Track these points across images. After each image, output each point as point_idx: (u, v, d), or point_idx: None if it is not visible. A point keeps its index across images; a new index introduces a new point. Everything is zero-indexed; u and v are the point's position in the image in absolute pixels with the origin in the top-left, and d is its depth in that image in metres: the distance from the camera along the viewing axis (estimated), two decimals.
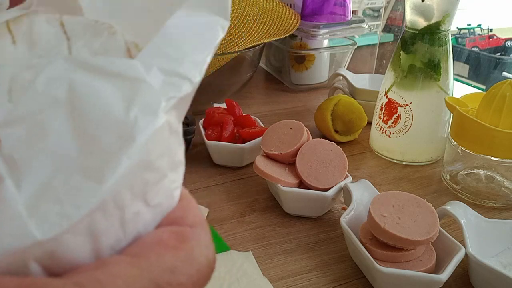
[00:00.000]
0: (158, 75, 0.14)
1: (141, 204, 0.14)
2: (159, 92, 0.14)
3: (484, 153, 0.45)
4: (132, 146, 0.13)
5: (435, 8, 0.49)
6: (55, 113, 0.13)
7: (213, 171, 0.53)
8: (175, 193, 0.16)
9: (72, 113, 0.13)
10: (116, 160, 0.13)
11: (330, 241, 0.42)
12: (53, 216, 0.12)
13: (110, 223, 0.14)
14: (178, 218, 0.16)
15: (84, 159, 0.13)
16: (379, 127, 0.57)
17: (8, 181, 0.13)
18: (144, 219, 0.15)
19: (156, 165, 0.14)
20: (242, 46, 0.65)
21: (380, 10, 0.93)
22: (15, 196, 0.12)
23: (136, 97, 0.13)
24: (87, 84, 0.13)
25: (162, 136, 0.14)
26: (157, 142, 0.14)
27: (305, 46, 0.80)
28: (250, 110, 0.70)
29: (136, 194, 0.14)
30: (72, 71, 0.13)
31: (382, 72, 0.82)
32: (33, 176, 0.13)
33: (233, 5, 0.68)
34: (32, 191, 0.13)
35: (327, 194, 0.42)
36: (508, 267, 0.35)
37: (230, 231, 0.42)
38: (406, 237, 0.33)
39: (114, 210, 0.13)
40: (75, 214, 0.12)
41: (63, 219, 0.12)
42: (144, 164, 0.14)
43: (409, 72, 0.52)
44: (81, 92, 0.13)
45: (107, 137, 0.13)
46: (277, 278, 0.37)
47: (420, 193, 0.49)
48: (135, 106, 0.13)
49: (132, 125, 0.13)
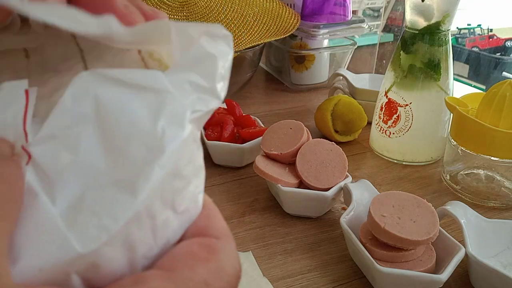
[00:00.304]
0: (187, 88, 0.14)
1: (170, 212, 0.15)
2: (185, 103, 0.14)
3: (484, 153, 0.45)
4: (162, 156, 0.13)
5: (435, 8, 0.49)
6: (84, 129, 0.13)
7: (213, 171, 0.53)
8: (199, 198, 0.17)
9: (101, 127, 0.13)
10: (148, 171, 0.13)
11: (330, 241, 0.42)
12: (92, 228, 0.13)
13: (143, 232, 0.14)
14: (204, 227, 0.16)
15: (116, 172, 0.13)
16: (379, 127, 0.57)
17: (43, 196, 0.13)
18: (173, 226, 0.15)
19: (183, 173, 0.15)
20: (242, 46, 0.65)
21: (380, 10, 0.93)
22: (52, 210, 0.13)
23: (163, 108, 0.14)
24: (113, 98, 0.14)
25: (187, 145, 0.14)
26: (183, 151, 0.14)
27: (305, 46, 0.80)
28: (250, 110, 0.70)
29: (165, 202, 0.14)
30: (97, 85, 0.14)
31: (382, 72, 0.82)
32: (66, 191, 0.13)
33: (233, 5, 0.68)
34: (67, 205, 0.13)
35: (327, 194, 0.42)
36: (508, 267, 0.35)
37: (230, 231, 0.42)
38: (406, 237, 0.33)
39: (146, 219, 0.14)
40: (113, 226, 0.13)
41: (102, 232, 0.13)
42: (173, 173, 0.14)
43: (409, 72, 0.52)
44: (108, 106, 0.13)
45: (136, 149, 0.13)
46: (277, 278, 0.37)
47: (420, 193, 0.49)
48: (162, 118, 0.14)
49: (160, 136, 0.13)
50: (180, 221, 0.16)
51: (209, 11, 0.65)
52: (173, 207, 0.15)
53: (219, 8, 0.66)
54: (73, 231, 0.12)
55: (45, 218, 0.13)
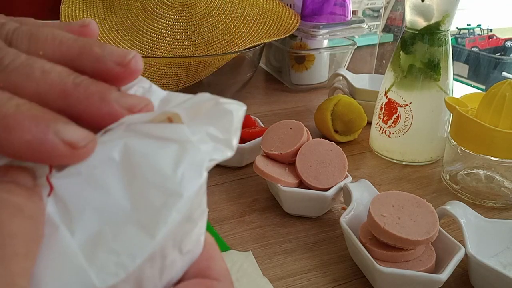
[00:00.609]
0: (206, 139, 0.16)
1: (177, 252, 0.16)
2: (204, 153, 0.15)
3: (483, 153, 0.45)
4: (180, 201, 0.14)
5: (435, 8, 0.49)
6: (109, 170, 0.14)
7: (213, 171, 0.53)
8: (202, 239, 0.18)
9: (125, 170, 0.14)
10: (166, 215, 0.14)
11: (330, 241, 0.42)
12: (111, 265, 0.13)
13: (153, 271, 0.15)
14: (205, 268, 0.17)
15: (136, 212, 0.14)
16: (379, 127, 0.57)
17: (63, 228, 0.13)
18: (177, 266, 0.16)
19: (193, 217, 0.16)
20: (242, 46, 0.65)
21: (380, 10, 0.93)
22: (72, 243, 0.13)
23: (184, 156, 0.15)
24: (140, 146, 0.15)
25: (200, 191, 0.15)
26: (197, 197, 0.15)
27: (305, 46, 0.80)
28: (250, 110, 0.70)
29: (175, 244, 0.15)
30: (127, 135, 0.15)
31: (382, 72, 0.82)
32: (85, 225, 0.13)
33: (233, 6, 0.68)
34: (86, 240, 0.13)
35: (327, 194, 0.42)
36: (507, 267, 0.35)
37: (230, 231, 0.43)
38: (406, 237, 0.33)
39: (159, 259, 0.15)
40: (131, 264, 0.13)
41: (120, 269, 0.13)
42: (187, 216, 0.15)
43: (409, 72, 0.52)
44: (134, 153, 0.15)
45: (157, 193, 0.14)
46: (277, 278, 0.37)
47: (420, 193, 0.49)
48: (183, 164, 0.15)
49: (179, 182, 0.14)
50: (183, 261, 0.16)
51: (209, 11, 0.65)
52: (180, 248, 0.16)
53: (219, 8, 0.66)
54: (92, 265, 0.13)
55: (65, 251, 0.13)
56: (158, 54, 0.62)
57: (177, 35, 0.63)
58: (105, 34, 0.63)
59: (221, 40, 0.65)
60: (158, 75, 0.62)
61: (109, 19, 0.65)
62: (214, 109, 0.16)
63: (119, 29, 0.64)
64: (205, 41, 0.64)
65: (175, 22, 0.64)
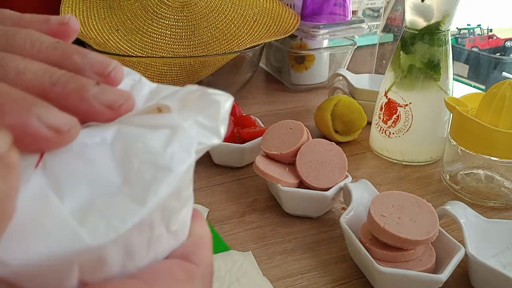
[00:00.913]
0: (194, 126, 0.17)
1: (164, 228, 0.16)
2: (193, 136, 0.16)
3: (483, 153, 0.45)
4: (170, 176, 0.15)
5: (435, 8, 0.49)
6: (101, 148, 0.15)
7: (213, 171, 0.53)
8: (187, 224, 0.18)
9: (117, 149, 0.15)
10: (156, 186, 0.15)
11: (330, 241, 0.42)
12: (102, 226, 0.14)
13: (141, 241, 0.15)
14: (189, 253, 0.17)
15: (127, 186, 0.15)
16: (379, 127, 0.57)
17: (52, 195, 0.14)
18: (163, 243, 0.17)
19: (181, 195, 0.17)
20: (242, 46, 0.65)
21: (380, 10, 0.93)
22: (62, 208, 0.14)
23: (174, 138, 0.16)
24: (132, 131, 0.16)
25: (189, 171, 0.16)
26: (185, 176, 0.16)
27: (305, 46, 0.80)
28: (250, 110, 0.70)
29: (163, 219, 0.16)
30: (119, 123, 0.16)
31: (382, 72, 0.82)
32: (75, 195, 0.14)
33: (233, 6, 0.68)
34: (76, 207, 0.14)
35: (327, 194, 0.42)
36: (507, 267, 0.35)
37: (230, 231, 0.43)
38: (406, 237, 0.33)
39: (147, 229, 0.15)
40: (122, 227, 0.14)
41: (110, 230, 0.14)
42: (175, 193, 0.16)
43: (408, 72, 0.52)
44: (126, 136, 0.16)
45: (147, 168, 0.15)
46: (277, 278, 0.37)
47: (420, 193, 0.49)
48: (173, 144, 0.16)
49: (169, 159, 0.15)
50: (170, 241, 0.17)
51: (209, 11, 0.65)
52: (167, 225, 0.16)
53: (219, 8, 0.66)
54: (83, 226, 0.13)
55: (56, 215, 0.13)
56: (158, 54, 0.62)
57: (177, 35, 0.63)
58: (105, 34, 0.63)
59: (221, 40, 0.65)
60: (158, 75, 0.62)
61: (109, 19, 0.65)
62: (202, 99, 0.17)
63: (119, 29, 0.64)
64: (205, 41, 0.64)
65: (175, 22, 0.64)
